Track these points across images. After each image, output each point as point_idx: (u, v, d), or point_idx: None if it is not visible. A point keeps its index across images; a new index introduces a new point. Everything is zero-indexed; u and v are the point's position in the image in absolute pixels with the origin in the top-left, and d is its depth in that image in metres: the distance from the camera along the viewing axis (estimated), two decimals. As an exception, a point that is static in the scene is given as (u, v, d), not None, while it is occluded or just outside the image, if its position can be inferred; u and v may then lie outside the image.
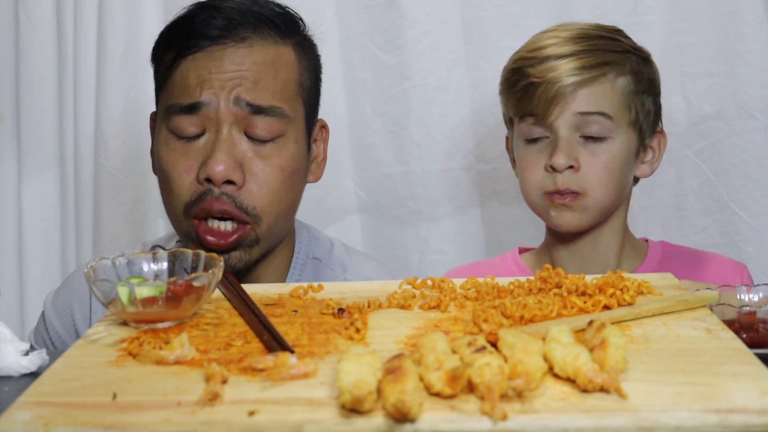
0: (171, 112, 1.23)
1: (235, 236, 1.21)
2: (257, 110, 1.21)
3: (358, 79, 1.76)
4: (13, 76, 1.85)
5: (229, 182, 1.20)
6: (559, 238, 1.41)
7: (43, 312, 1.40)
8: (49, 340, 1.37)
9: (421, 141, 1.75)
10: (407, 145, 1.75)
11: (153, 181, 1.83)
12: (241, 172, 1.21)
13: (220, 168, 1.19)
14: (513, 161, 1.43)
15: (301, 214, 1.38)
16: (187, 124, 1.22)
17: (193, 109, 1.21)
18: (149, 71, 1.79)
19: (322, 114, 1.62)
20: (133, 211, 1.83)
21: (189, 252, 0.95)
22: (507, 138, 1.45)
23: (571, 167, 1.31)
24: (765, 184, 1.64)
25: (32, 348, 0.90)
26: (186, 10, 1.28)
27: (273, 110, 1.22)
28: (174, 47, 1.25)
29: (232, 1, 1.26)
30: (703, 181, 1.68)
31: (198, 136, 1.22)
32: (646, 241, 1.47)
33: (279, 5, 1.30)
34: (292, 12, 1.30)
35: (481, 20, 1.69)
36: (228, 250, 1.22)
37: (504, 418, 0.64)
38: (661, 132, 1.40)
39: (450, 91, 1.72)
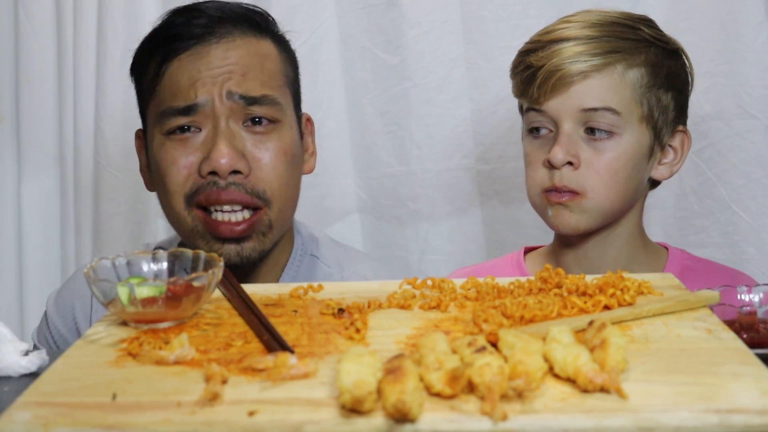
0: (166, 115, 1.23)
1: (247, 223, 1.21)
2: (251, 101, 1.23)
3: (358, 79, 1.76)
4: (13, 76, 1.85)
5: (236, 172, 1.21)
6: (564, 242, 1.33)
7: (45, 311, 1.40)
8: (52, 340, 1.38)
9: (421, 141, 1.74)
10: (407, 145, 1.75)
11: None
12: (245, 161, 1.22)
13: (224, 160, 1.20)
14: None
15: (302, 214, 1.38)
16: (184, 123, 1.23)
17: (189, 110, 1.22)
18: (149, 71, 1.79)
19: (323, 114, 1.61)
20: (133, 211, 1.83)
21: (189, 252, 0.95)
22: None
23: (570, 164, 1.23)
24: (765, 184, 1.63)
25: (35, 347, 0.90)
26: (161, 19, 1.29)
27: (265, 98, 1.24)
28: (158, 53, 1.25)
29: (206, 4, 1.28)
30: (703, 181, 1.67)
31: (194, 134, 1.23)
32: (666, 248, 1.37)
33: (251, 5, 1.32)
34: (263, 10, 1.32)
35: (481, 20, 1.69)
36: (241, 238, 1.22)
37: (504, 418, 0.64)
38: (685, 131, 1.30)
39: (450, 91, 1.72)
